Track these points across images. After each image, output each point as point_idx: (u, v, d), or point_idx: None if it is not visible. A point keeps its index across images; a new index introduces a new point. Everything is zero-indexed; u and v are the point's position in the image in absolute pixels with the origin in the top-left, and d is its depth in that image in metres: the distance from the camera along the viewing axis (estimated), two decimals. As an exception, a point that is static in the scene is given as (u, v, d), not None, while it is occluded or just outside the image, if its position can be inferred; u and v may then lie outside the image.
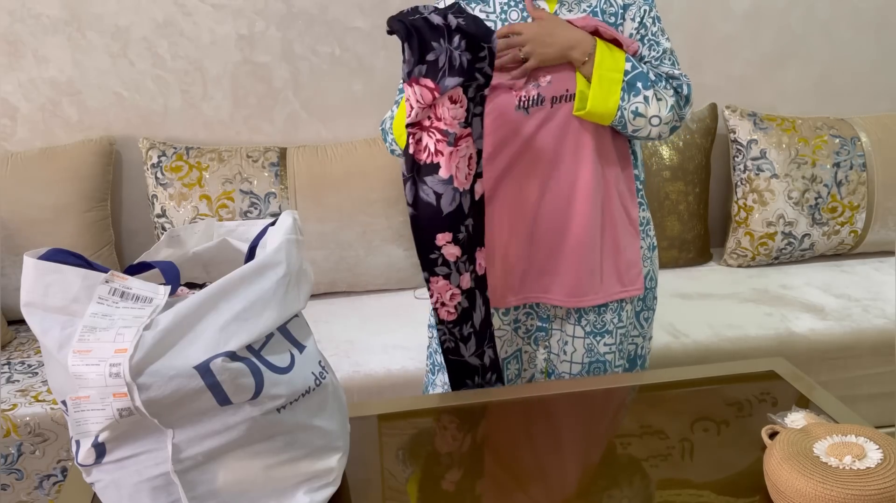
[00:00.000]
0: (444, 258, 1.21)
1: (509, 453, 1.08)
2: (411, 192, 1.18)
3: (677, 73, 1.33)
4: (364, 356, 1.91)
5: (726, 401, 1.20)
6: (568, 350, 1.42)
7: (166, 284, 0.83)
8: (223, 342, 0.80)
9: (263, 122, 2.32)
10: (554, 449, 1.09)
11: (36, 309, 0.81)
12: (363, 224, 2.20)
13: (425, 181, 1.17)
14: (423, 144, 1.17)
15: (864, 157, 2.39)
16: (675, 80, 1.32)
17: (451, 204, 1.18)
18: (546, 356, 1.45)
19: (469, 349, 1.28)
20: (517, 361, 1.46)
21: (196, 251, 0.98)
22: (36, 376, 1.84)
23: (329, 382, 0.93)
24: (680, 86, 1.32)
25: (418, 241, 1.21)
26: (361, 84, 2.34)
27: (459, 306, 1.24)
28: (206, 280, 0.99)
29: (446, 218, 1.18)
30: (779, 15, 2.50)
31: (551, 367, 1.45)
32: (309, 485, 0.92)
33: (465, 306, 1.25)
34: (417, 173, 1.18)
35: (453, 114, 1.14)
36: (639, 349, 1.48)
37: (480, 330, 1.28)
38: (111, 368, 0.76)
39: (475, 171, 1.21)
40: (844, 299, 2.16)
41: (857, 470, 0.88)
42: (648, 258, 1.43)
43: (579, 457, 1.09)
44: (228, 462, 0.86)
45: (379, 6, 2.27)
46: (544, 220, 1.34)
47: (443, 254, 1.20)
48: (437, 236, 1.19)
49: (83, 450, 0.83)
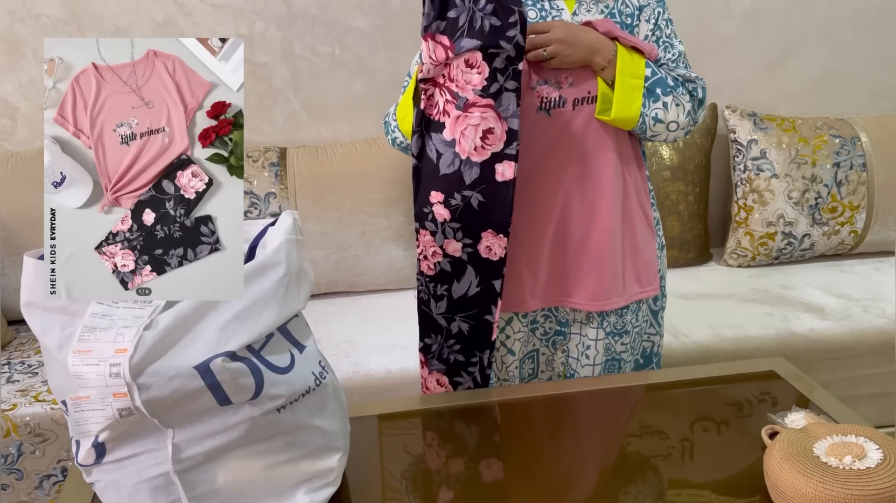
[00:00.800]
0: (434, 216, 1.22)
1: (509, 453, 1.08)
2: (418, 144, 1.18)
3: (693, 75, 1.33)
4: (364, 356, 1.91)
5: (726, 401, 1.20)
6: (590, 353, 1.40)
7: (166, 284, 0.83)
8: (223, 342, 0.80)
9: (263, 122, 2.32)
10: (554, 449, 1.09)
11: (36, 309, 0.81)
12: (363, 224, 2.20)
13: (431, 136, 1.17)
14: (434, 100, 1.16)
15: (864, 157, 2.39)
16: (691, 83, 1.31)
17: (449, 167, 1.17)
18: (564, 360, 1.43)
19: (439, 308, 1.28)
20: (532, 361, 1.45)
21: (196, 251, 0.98)
22: (36, 376, 1.84)
23: (329, 382, 0.93)
24: (695, 89, 1.31)
25: (416, 191, 1.22)
26: (361, 84, 2.34)
27: (438, 265, 1.25)
28: (206, 280, 0.99)
29: (441, 178, 1.18)
30: (779, 15, 2.50)
31: (569, 371, 1.44)
32: (309, 485, 0.92)
33: (445, 269, 1.25)
34: (426, 127, 1.18)
35: (467, 78, 1.12)
36: (654, 347, 1.48)
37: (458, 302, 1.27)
38: (111, 368, 0.76)
39: (497, 148, 1.16)
40: (844, 299, 2.16)
41: (857, 470, 0.88)
42: (659, 257, 1.43)
43: (580, 457, 1.09)
44: (228, 462, 0.86)
45: (379, 6, 2.27)
46: (567, 223, 1.32)
47: (433, 211, 1.22)
48: (431, 192, 1.20)
49: (83, 450, 0.83)
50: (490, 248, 1.23)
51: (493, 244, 1.22)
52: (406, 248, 2.26)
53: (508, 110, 1.14)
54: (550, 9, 1.29)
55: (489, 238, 1.22)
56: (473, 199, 1.19)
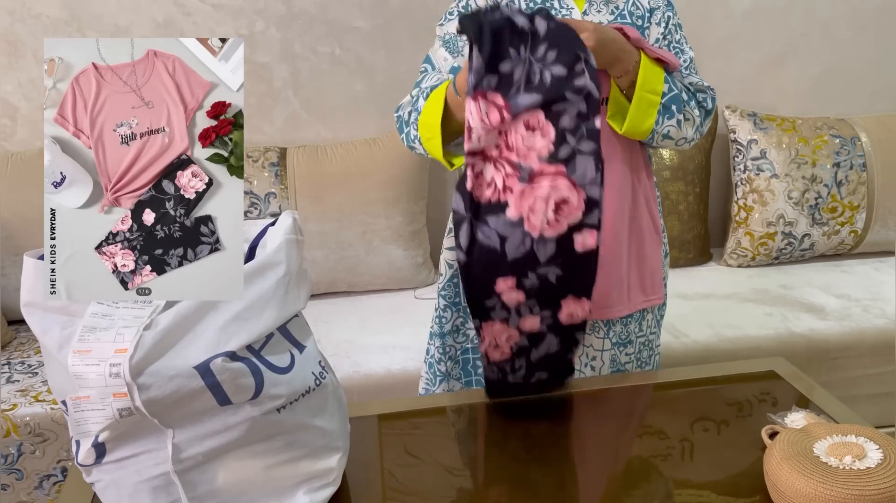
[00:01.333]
0: (503, 303, 1.03)
1: (509, 453, 1.08)
2: (467, 236, 0.97)
3: (704, 85, 1.29)
4: (364, 356, 1.91)
5: (726, 401, 1.20)
6: (596, 365, 1.37)
7: (166, 284, 0.83)
8: (223, 342, 0.80)
9: (263, 122, 2.32)
10: (554, 449, 1.09)
11: (36, 309, 0.81)
12: (363, 224, 2.20)
13: (486, 222, 0.97)
14: (485, 178, 0.96)
15: (864, 157, 2.39)
16: (701, 93, 1.28)
17: (519, 248, 0.98)
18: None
19: (516, 377, 1.15)
20: None
21: (196, 251, 0.98)
22: (36, 376, 1.84)
23: (329, 382, 0.93)
24: (705, 99, 1.28)
25: (468, 289, 1.02)
26: (361, 84, 2.34)
27: (516, 345, 1.09)
28: (206, 280, 0.99)
29: (511, 263, 0.99)
30: (779, 15, 2.50)
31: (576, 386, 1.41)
32: (309, 485, 0.92)
33: (522, 345, 1.09)
34: (476, 213, 0.97)
35: (529, 143, 0.93)
36: (653, 354, 1.47)
37: (538, 363, 1.12)
38: (111, 368, 0.76)
39: (574, 219, 0.98)
40: (844, 299, 2.16)
41: (857, 470, 0.88)
42: (664, 265, 1.41)
43: (580, 457, 1.09)
44: (228, 462, 0.86)
45: (379, 6, 2.27)
46: None
47: (502, 300, 1.02)
48: (496, 281, 1.00)
49: (83, 450, 0.83)
50: (572, 315, 1.07)
51: (576, 310, 1.07)
52: (406, 248, 2.26)
53: (586, 177, 0.96)
54: (560, 8, 1.27)
55: (570, 304, 1.06)
56: (551, 274, 1.02)
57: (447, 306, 1.42)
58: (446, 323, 1.42)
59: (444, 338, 1.44)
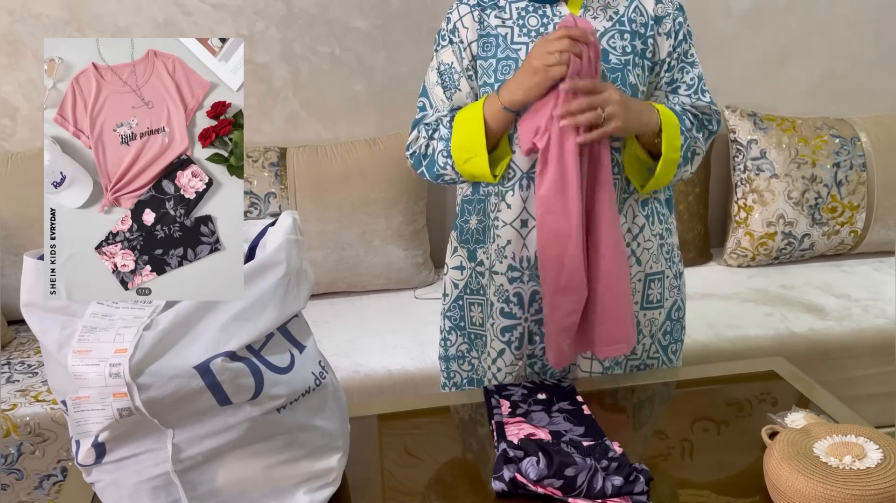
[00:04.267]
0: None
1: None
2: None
3: (711, 107, 1.27)
4: (364, 356, 1.91)
5: (726, 401, 1.20)
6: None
7: (166, 284, 0.83)
8: (223, 342, 0.80)
9: (263, 122, 2.32)
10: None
11: (36, 309, 0.81)
12: (363, 224, 2.20)
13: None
14: None
15: (864, 157, 2.39)
16: (707, 116, 1.27)
17: None
18: None
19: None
20: None
21: (196, 251, 0.98)
22: (36, 376, 1.84)
23: (329, 382, 0.93)
24: (710, 122, 1.27)
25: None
26: (361, 84, 2.34)
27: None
28: (206, 280, 0.99)
29: None
30: (779, 15, 2.50)
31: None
32: (309, 485, 0.92)
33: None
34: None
35: None
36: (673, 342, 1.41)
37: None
38: (111, 368, 0.76)
39: None
40: (844, 299, 2.16)
41: (857, 470, 0.88)
42: (676, 286, 1.37)
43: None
44: (228, 462, 0.86)
45: (379, 6, 2.27)
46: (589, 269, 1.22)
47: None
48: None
49: (83, 450, 0.83)
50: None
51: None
52: (406, 248, 2.26)
53: None
54: (553, 15, 1.22)
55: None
56: None
57: (452, 328, 1.40)
58: (451, 346, 1.41)
59: (448, 363, 1.43)
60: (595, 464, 0.95)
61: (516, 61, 1.22)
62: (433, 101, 1.30)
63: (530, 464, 0.96)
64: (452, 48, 1.27)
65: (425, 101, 1.31)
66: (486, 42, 1.25)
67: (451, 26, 1.27)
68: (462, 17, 1.25)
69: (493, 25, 1.24)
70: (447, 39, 1.28)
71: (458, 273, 1.37)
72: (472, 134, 1.21)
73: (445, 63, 1.28)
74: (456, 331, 1.40)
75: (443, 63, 1.28)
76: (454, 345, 1.40)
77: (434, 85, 1.30)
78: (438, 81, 1.29)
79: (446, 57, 1.28)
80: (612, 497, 0.93)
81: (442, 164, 1.26)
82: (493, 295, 1.31)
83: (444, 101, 1.28)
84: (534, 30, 1.23)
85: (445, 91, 1.28)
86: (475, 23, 1.25)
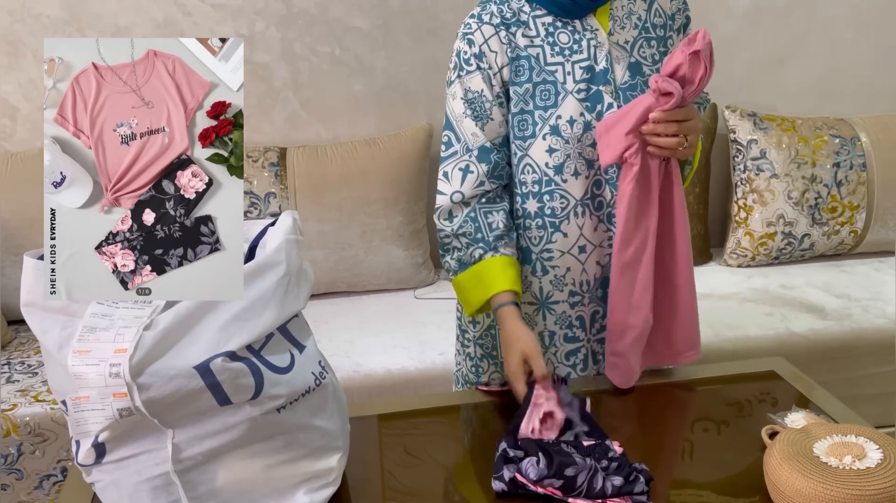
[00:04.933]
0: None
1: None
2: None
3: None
4: (364, 356, 1.91)
5: (726, 401, 1.20)
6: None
7: (166, 284, 0.83)
8: (223, 342, 0.80)
9: (263, 122, 2.32)
10: (554, 449, 1.09)
11: (36, 309, 0.81)
12: (363, 224, 2.20)
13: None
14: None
15: (864, 157, 2.39)
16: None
17: None
18: None
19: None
20: None
21: (196, 251, 0.98)
22: (36, 376, 1.84)
23: (329, 382, 0.93)
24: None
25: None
26: (361, 84, 2.34)
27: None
28: (206, 280, 0.99)
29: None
30: (779, 15, 2.50)
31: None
32: (309, 485, 0.92)
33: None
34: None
35: None
36: None
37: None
38: (111, 368, 0.76)
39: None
40: (844, 299, 2.16)
41: (857, 470, 0.88)
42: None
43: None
44: (228, 462, 0.86)
45: (379, 6, 2.27)
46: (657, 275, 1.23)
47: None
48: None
49: (83, 450, 0.83)
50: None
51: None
52: (406, 248, 2.26)
53: None
54: (584, 30, 1.17)
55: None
56: None
57: (484, 356, 1.36)
58: (483, 373, 1.38)
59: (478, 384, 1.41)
60: (595, 465, 0.95)
61: (554, 84, 1.17)
62: (461, 135, 1.20)
63: (530, 464, 0.96)
64: (482, 74, 1.18)
65: (451, 136, 1.22)
66: (518, 65, 1.18)
67: (476, 50, 1.18)
68: (488, 40, 1.17)
69: (523, 46, 1.17)
70: (473, 65, 1.18)
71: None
72: (479, 297, 1.20)
73: (474, 91, 1.18)
74: (488, 359, 1.36)
75: (470, 90, 1.19)
76: (486, 373, 1.37)
77: (462, 117, 1.20)
78: (467, 112, 1.19)
79: (475, 84, 1.18)
80: (613, 497, 0.94)
81: (449, 268, 1.26)
82: (553, 324, 1.28)
83: (475, 136, 1.19)
84: (566, 47, 1.17)
85: (477, 122, 1.19)
86: (504, 45, 1.17)
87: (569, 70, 1.17)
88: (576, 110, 1.17)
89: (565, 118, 1.17)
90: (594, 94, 1.18)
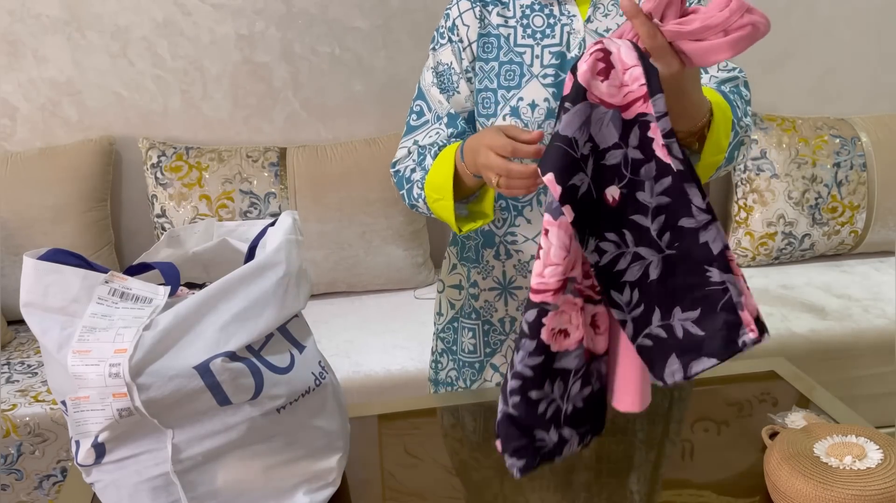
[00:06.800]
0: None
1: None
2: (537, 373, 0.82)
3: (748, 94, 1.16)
4: (364, 356, 1.91)
5: (726, 401, 1.20)
6: None
7: (166, 285, 0.83)
8: (223, 342, 0.80)
9: (263, 122, 2.32)
10: (554, 449, 1.09)
11: (35, 309, 0.81)
12: (363, 224, 2.20)
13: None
14: (567, 322, 0.83)
15: (864, 157, 2.39)
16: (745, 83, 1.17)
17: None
18: None
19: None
20: None
21: (196, 251, 0.98)
22: (36, 376, 1.84)
23: (329, 382, 0.93)
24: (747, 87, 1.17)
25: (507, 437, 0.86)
26: (361, 84, 2.34)
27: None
28: (205, 280, 0.99)
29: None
30: (779, 15, 2.50)
31: None
32: (309, 486, 0.92)
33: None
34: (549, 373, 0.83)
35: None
36: None
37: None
38: (111, 368, 0.76)
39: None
40: (844, 299, 2.16)
41: (857, 470, 0.88)
42: None
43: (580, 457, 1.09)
44: (228, 462, 0.86)
45: (379, 6, 2.27)
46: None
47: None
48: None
49: (83, 451, 0.83)
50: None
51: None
52: (406, 248, 2.26)
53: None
54: (560, 15, 1.15)
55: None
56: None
57: (444, 351, 1.35)
58: (441, 370, 1.36)
59: (437, 387, 1.40)
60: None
61: (520, 66, 1.15)
62: (431, 104, 1.21)
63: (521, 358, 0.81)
64: (451, 47, 1.18)
65: (422, 105, 1.23)
66: (487, 42, 1.17)
67: (449, 23, 1.19)
68: (462, 14, 1.17)
69: (495, 24, 1.17)
70: (446, 38, 1.19)
71: (457, 293, 1.31)
72: (445, 174, 1.09)
73: (444, 63, 1.19)
74: (447, 354, 1.34)
75: (441, 63, 1.20)
76: (444, 370, 1.35)
77: (430, 86, 1.21)
78: (435, 82, 1.20)
79: (445, 56, 1.19)
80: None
81: (416, 195, 1.17)
82: (515, 310, 1.24)
83: (442, 104, 1.20)
84: (539, 31, 1.15)
85: (443, 93, 1.20)
86: (476, 20, 1.16)
87: (537, 53, 1.15)
88: (539, 94, 1.14)
89: (527, 101, 1.15)
90: (562, 81, 1.14)
